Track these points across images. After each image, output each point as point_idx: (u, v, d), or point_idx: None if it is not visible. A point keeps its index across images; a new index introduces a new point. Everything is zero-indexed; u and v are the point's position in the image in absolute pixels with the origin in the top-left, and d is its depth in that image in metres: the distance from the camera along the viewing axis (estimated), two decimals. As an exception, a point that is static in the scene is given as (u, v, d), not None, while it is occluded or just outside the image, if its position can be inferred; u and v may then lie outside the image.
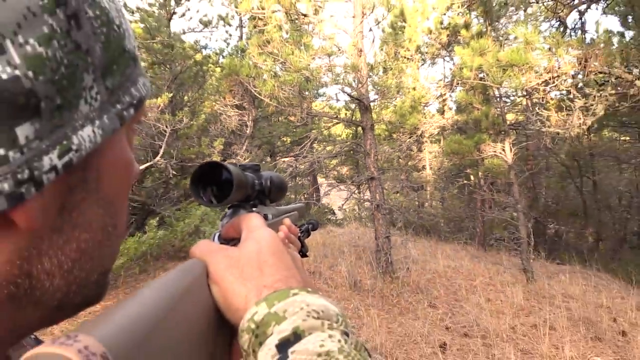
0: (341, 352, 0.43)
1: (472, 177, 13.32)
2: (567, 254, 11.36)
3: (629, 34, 7.58)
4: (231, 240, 0.66)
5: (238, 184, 0.65)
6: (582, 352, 5.25)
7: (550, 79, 6.04)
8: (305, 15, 7.91)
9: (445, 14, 11.43)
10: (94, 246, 0.40)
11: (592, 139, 13.96)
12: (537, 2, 9.58)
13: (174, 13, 11.99)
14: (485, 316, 6.19)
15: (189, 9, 12.47)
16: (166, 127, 8.20)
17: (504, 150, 8.55)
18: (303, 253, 1.05)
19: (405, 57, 12.47)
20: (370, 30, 11.11)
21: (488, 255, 10.89)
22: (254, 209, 0.77)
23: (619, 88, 6.27)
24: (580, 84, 7.31)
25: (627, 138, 14.82)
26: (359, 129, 9.59)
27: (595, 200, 13.81)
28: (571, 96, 6.11)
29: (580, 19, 9.49)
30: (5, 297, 0.34)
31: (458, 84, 9.91)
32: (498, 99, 9.30)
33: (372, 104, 8.75)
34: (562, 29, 8.56)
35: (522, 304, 6.80)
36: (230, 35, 18.84)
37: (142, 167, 7.84)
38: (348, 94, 8.31)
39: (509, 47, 6.42)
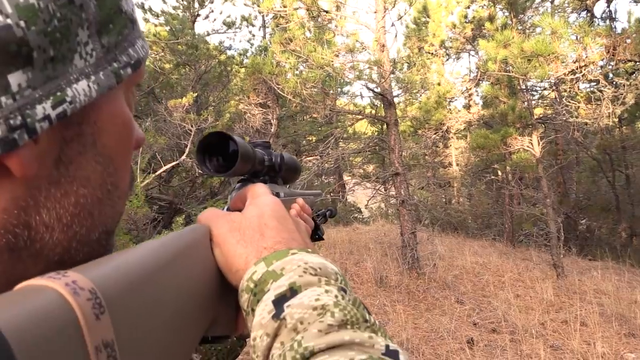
0: (337, 305, 0.43)
1: (499, 173, 13.12)
2: (599, 249, 11.07)
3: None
4: (238, 211, 0.67)
5: (243, 155, 0.65)
6: (614, 348, 5.12)
7: (577, 69, 5.89)
8: (327, 12, 7.91)
9: (469, 8, 11.30)
10: (93, 202, 0.40)
11: (624, 131, 13.58)
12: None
13: (198, 15, 12.16)
14: (514, 312, 6.09)
15: (212, 11, 12.62)
16: (191, 126, 8.29)
17: (531, 143, 8.40)
18: (319, 236, 1.05)
19: (429, 53, 12.36)
20: (393, 25, 11.03)
21: (517, 251, 10.71)
22: None
23: (650, 77, 6.09)
24: (610, 75, 7.13)
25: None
26: (384, 126, 9.55)
27: (629, 194, 13.41)
28: (600, 86, 5.95)
29: (608, 7, 9.25)
30: (3, 246, 0.34)
31: (483, 78, 9.77)
32: (524, 92, 9.13)
33: (396, 99, 8.71)
34: (589, 18, 8.36)
35: (552, 300, 6.67)
36: (254, 35, 18.96)
37: (168, 166, 7.95)
38: (371, 90, 8.28)
39: (534, 38, 6.28)
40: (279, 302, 0.44)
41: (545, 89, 11.84)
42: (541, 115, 10.03)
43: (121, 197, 0.45)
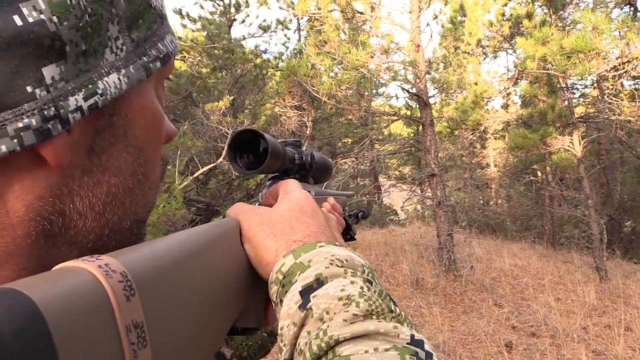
0: (362, 296, 0.44)
1: (539, 173, 12.81)
2: (645, 252, 10.69)
3: None
4: (270, 207, 0.68)
5: (273, 152, 0.66)
6: (662, 354, 4.93)
7: (620, 65, 5.70)
8: (361, 13, 7.90)
9: (506, 5, 11.07)
10: (124, 192, 0.42)
11: (671, 130, 13.04)
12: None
13: (234, 20, 12.31)
14: (555, 316, 5.94)
15: (248, 15, 12.78)
16: (228, 129, 8.41)
17: (572, 143, 8.17)
18: (351, 236, 1.06)
19: (465, 52, 12.19)
20: (428, 25, 10.94)
21: (558, 253, 10.43)
22: None
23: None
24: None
25: None
26: (420, 127, 9.47)
27: (677, 195, 12.89)
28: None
29: (654, 1, 8.91)
30: (40, 232, 0.35)
31: (521, 76, 9.56)
32: (565, 90, 8.90)
33: (431, 100, 8.63)
34: (633, 13, 8.08)
35: (595, 304, 6.47)
36: (289, 38, 19.09)
37: (206, 168, 8.08)
38: (406, 91, 8.23)
39: (574, 34, 6.11)
40: (306, 292, 0.45)
41: (586, 86, 11.52)
42: (582, 114, 9.75)
43: (152, 188, 0.46)
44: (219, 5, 12.06)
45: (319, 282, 0.46)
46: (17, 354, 0.22)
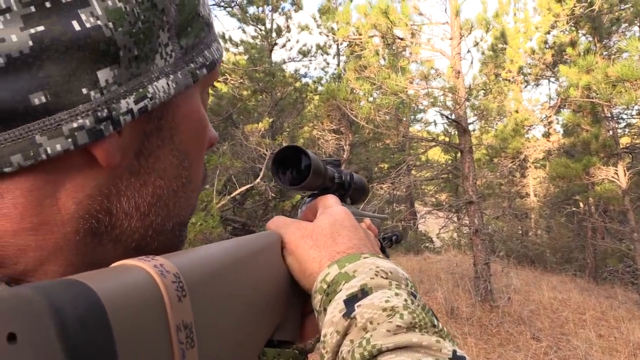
0: (406, 308, 0.44)
1: (581, 204, 12.44)
2: (695, 290, 10.17)
3: None
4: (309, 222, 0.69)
5: (315, 170, 0.67)
6: None
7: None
8: (401, 39, 7.95)
9: (549, 33, 10.93)
10: (169, 194, 0.43)
11: None
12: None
13: (275, 44, 12.55)
14: (596, 353, 5.70)
15: (289, 40, 12.99)
16: (266, 150, 8.52)
17: (617, 174, 7.94)
18: None
19: (506, 79, 12.06)
20: (469, 51, 10.92)
21: (600, 288, 10.05)
22: None
23: None
24: None
25: None
26: (458, 154, 9.38)
27: None
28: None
29: None
30: (88, 230, 0.37)
31: (564, 105, 9.39)
32: (609, 120, 8.68)
33: (470, 127, 8.56)
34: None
35: (640, 342, 6.19)
36: (328, 63, 19.31)
37: (243, 189, 8.18)
38: (445, 117, 8.19)
39: (619, 63, 5.97)
40: (350, 301, 0.46)
41: (632, 116, 11.20)
42: (628, 145, 9.48)
43: (194, 191, 0.48)
44: (260, 30, 12.33)
45: (364, 292, 0.47)
46: (81, 343, 0.23)
